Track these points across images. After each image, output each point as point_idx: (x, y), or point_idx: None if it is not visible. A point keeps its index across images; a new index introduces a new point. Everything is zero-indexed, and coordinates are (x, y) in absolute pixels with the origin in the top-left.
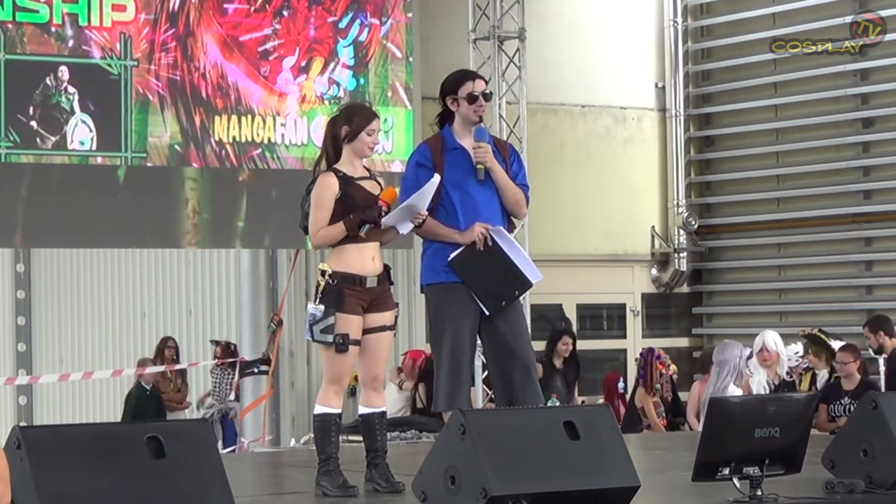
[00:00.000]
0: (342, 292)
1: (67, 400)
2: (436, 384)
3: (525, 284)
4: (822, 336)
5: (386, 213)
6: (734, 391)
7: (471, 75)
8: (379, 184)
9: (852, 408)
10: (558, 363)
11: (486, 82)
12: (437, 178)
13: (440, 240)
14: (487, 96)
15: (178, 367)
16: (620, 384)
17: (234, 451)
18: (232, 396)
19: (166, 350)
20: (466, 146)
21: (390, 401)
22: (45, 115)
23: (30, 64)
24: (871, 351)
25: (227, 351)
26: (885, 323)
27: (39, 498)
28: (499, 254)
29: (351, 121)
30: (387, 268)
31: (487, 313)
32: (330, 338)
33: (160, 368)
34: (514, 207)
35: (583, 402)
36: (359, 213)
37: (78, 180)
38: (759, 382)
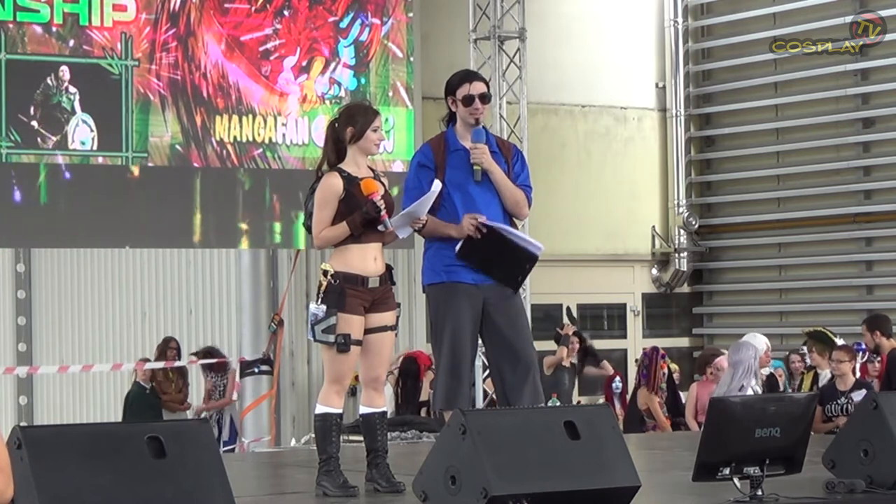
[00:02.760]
0: (344, 292)
1: (68, 400)
2: (436, 383)
3: (531, 258)
4: (829, 334)
5: (382, 203)
6: (750, 392)
7: (470, 77)
8: (383, 183)
9: (849, 408)
10: (566, 363)
11: (487, 84)
12: (438, 185)
13: (439, 236)
14: (484, 97)
15: (177, 363)
16: (615, 384)
17: (232, 449)
18: (234, 396)
19: (168, 351)
20: (468, 147)
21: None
22: (45, 114)
23: (31, 64)
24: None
25: (208, 356)
26: (882, 323)
27: (40, 498)
28: (498, 237)
29: (354, 121)
30: (389, 268)
31: (514, 291)
32: (332, 338)
33: (159, 365)
34: (515, 208)
35: (579, 402)
36: (360, 212)
37: (79, 180)
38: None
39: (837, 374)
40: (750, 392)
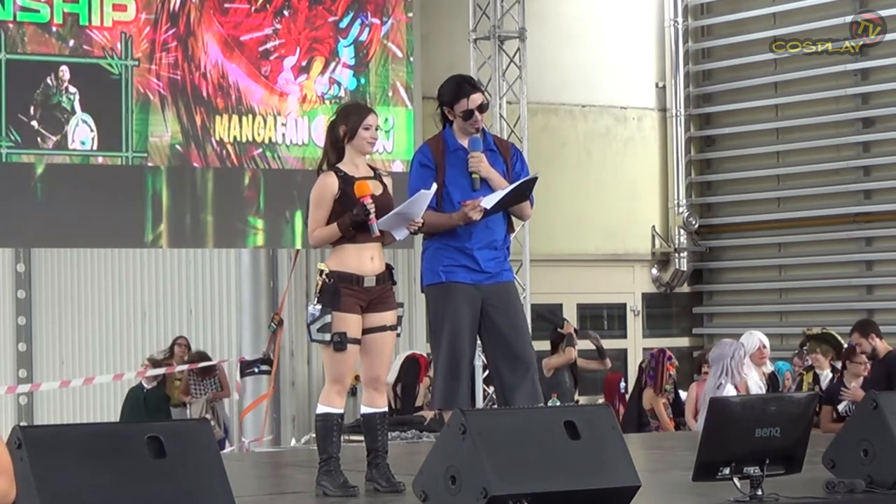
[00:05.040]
0: (339, 291)
1: (68, 400)
2: (434, 383)
3: (530, 182)
4: (836, 337)
5: (372, 206)
6: (731, 391)
7: (465, 90)
8: (384, 183)
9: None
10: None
11: (482, 91)
12: (433, 188)
13: (441, 230)
14: (483, 108)
15: (178, 368)
16: (622, 384)
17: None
18: (236, 396)
19: (177, 348)
20: (467, 146)
21: None
22: (45, 114)
23: (31, 64)
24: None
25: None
26: (874, 326)
27: (40, 498)
28: (499, 202)
29: (347, 120)
30: (389, 267)
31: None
32: (327, 336)
33: (159, 371)
34: (517, 210)
35: (577, 401)
36: (350, 214)
37: (79, 180)
38: (755, 381)
39: (859, 374)
40: (728, 389)
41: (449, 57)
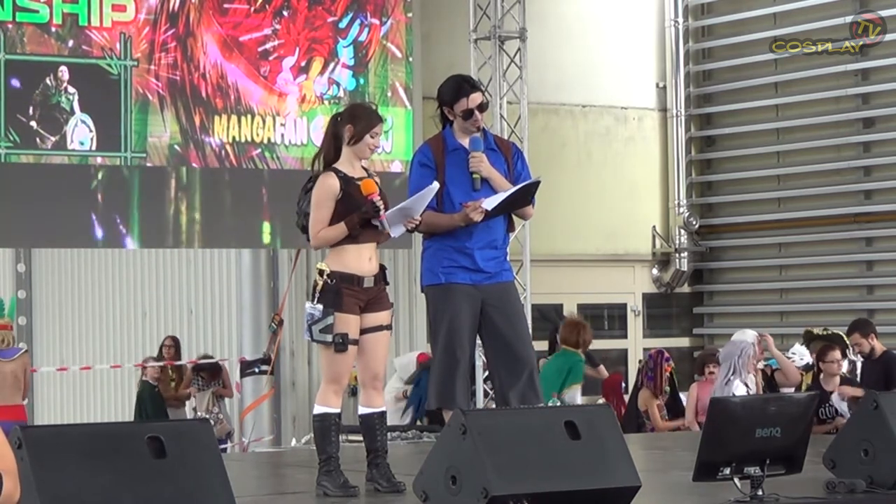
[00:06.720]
0: (340, 292)
1: (68, 399)
2: (430, 382)
3: (532, 186)
4: (844, 337)
5: (381, 203)
6: (739, 387)
7: (465, 90)
8: (376, 182)
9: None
10: None
11: (482, 91)
12: (435, 185)
13: (442, 230)
14: (483, 107)
15: (178, 362)
16: (623, 385)
17: (224, 450)
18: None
19: (164, 349)
20: (467, 146)
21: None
22: (44, 115)
23: (30, 64)
24: (858, 356)
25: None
26: (872, 325)
27: (41, 498)
28: (500, 205)
29: (355, 122)
30: (383, 268)
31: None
32: (329, 337)
33: (160, 363)
34: (519, 210)
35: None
36: (359, 212)
37: (78, 180)
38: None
39: (832, 373)
40: (735, 386)
41: (449, 57)
